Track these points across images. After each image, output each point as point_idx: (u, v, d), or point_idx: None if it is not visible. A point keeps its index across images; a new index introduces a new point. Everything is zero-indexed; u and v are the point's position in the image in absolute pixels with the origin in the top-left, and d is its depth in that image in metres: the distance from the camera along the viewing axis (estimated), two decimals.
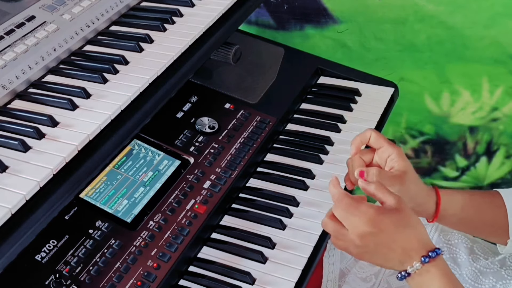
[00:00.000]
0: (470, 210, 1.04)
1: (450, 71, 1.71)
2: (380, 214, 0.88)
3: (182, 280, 1.07)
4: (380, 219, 0.87)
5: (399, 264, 0.89)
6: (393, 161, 1.00)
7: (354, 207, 0.88)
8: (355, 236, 0.88)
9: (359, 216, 0.88)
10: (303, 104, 1.45)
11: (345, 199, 0.89)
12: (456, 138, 1.79)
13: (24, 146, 0.89)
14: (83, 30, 1.13)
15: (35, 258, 0.98)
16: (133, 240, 1.05)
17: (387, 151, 1.01)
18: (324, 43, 1.79)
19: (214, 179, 1.18)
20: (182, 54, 1.11)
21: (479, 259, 1.20)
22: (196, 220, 1.11)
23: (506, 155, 1.78)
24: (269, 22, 1.83)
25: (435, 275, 0.88)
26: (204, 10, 1.22)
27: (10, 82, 0.99)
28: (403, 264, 0.89)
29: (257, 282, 1.05)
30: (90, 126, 0.94)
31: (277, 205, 1.18)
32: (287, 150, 1.32)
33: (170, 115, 1.28)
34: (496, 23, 1.60)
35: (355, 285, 1.26)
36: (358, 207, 0.88)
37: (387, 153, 1.01)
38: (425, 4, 1.63)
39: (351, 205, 0.89)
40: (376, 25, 1.71)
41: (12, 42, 1.04)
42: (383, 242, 0.88)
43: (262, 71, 1.46)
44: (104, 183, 1.11)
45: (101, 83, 1.03)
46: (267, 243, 1.11)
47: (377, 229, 0.87)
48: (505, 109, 1.71)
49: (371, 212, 0.88)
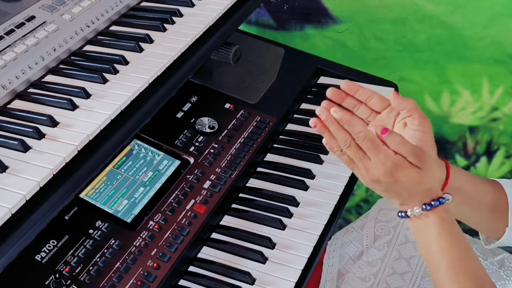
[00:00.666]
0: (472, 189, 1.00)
1: (450, 71, 1.70)
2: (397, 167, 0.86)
3: (182, 280, 1.07)
4: (397, 172, 0.86)
5: (399, 204, 0.90)
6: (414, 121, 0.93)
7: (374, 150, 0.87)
8: (367, 177, 0.88)
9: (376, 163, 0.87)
10: (303, 104, 1.45)
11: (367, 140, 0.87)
12: (456, 138, 1.79)
13: (24, 146, 0.89)
14: (83, 30, 1.13)
15: (35, 258, 0.99)
16: (133, 240, 1.05)
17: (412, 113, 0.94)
18: (324, 43, 1.79)
19: (214, 179, 1.18)
20: (182, 54, 1.11)
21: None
22: (196, 220, 1.11)
23: (506, 155, 1.78)
24: (269, 22, 1.83)
25: (434, 221, 0.88)
26: (204, 10, 1.22)
27: (10, 82, 0.99)
28: (403, 205, 0.90)
29: (257, 282, 1.06)
30: (90, 126, 0.94)
31: (277, 205, 1.18)
32: (287, 150, 1.32)
33: (170, 115, 1.28)
34: (496, 23, 1.60)
35: (355, 285, 1.26)
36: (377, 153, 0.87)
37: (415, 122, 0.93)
38: (425, 4, 1.63)
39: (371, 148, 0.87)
40: (376, 25, 1.70)
41: (12, 42, 1.04)
42: (394, 189, 0.88)
43: (262, 71, 1.46)
44: (104, 183, 1.11)
45: (101, 83, 1.03)
46: (267, 243, 1.11)
47: (392, 179, 0.87)
48: (505, 109, 1.71)
49: (388, 164, 0.86)
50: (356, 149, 0.88)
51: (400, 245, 1.26)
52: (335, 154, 0.91)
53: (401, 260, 1.24)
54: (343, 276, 1.29)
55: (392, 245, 1.26)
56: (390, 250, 1.26)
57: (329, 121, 0.90)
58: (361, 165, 0.88)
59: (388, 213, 1.32)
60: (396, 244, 1.26)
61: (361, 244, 1.30)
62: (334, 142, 0.90)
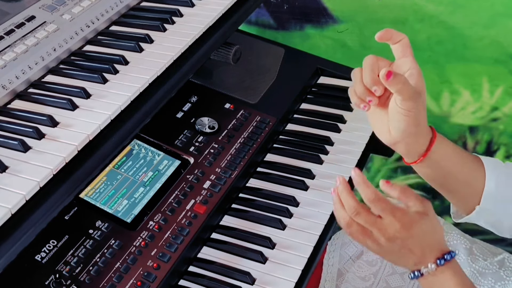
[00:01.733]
0: (454, 161, 0.99)
1: (450, 71, 1.70)
2: (413, 222, 0.87)
3: (182, 280, 1.07)
4: (412, 226, 0.87)
5: (413, 264, 0.89)
6: (412, 77, 0.90)
7: (389, 210, 0.87)
8: (383, 238, 0.87)
9: (391, 221, 0.87)
10: (303, 104, 1.45)
11: (381, 202, 0.88)
12: (456, 138, 1.79)
13: (24, 146, 0.89)
14: (83, 30, 1.12)
15: (35, 258, 0.99)
16: (133, 240, 1.05)
17: (410, 63, 0.91)
18: (324, 43, 1.79)
19: (214, 179, 1.18)
20: (182, 54, 1.11)
21: (478, 260, 1.20)
22: (196, 220, 1.11)
23: (506, 155, 1.78)
24: (269, 22, 1.83)
25: (449, 276, 0.88)
26: (204, 10, 1.22)
27: (10, 82, 0.99)
28: (417, 265, 0.89)
29: (257, 282, 1.06)
30: (90, 126, 0.94)
31: (277, 205, 1.18)
32: (287, 150, 1.32)
33: (170, 115, 1.28)
34: (496, 23, 1.60)
35: (355, 284, 1.26)
36: (393, 211, 0.87)
37: (408, 65, 0.91)
38: (425, 4, 1.63)
39: (386, 209, 0.87)
40: (376, 25, 1.70)
41: (12, 42, 1.04)
42: (409, 245, 0.88)
43: (262, 71, 1.46)
44: (104, 183, 1.11)
45: (101, 83, 1.03)
46: (267, 243, 1.11)
47: (409, 235, 0.87)
48: (505, 109, 1.71)
49: (406, 219, 0.87)
50: (366, 214, 0.88)
51: None
52: (343, 228, 0.91)
53: None
54: (343, 275, 1.29)
55: None
56: None
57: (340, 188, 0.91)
58: (375, 228, 0.88)
59: None
60: None
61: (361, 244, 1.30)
62: (343, 212, 0.90)
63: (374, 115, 0.96)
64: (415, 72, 0.91)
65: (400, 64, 0.92)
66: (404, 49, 0.91)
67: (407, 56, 0.91)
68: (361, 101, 0.92)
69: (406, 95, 0.88)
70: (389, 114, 0.93)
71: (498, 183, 0.98)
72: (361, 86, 0.91)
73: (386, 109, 0.93)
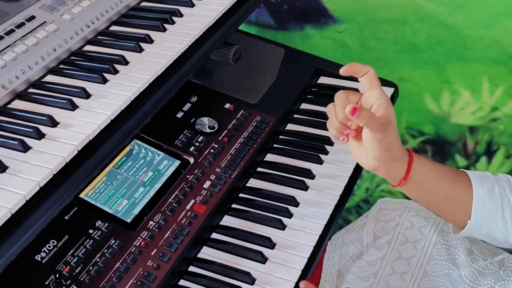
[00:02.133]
0: (436, 180, 1.02)
1: (450, 71, 1.70)
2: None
3: (182, 280, 1.07)
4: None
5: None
6: (381, 107, 0.94)
7: None
8: None
9: None
10: (303, 104, 1.45)
11: None
12: (456, 138, 1.79)
13: (24, 146, 0.89)
14: (83, 30, 1.13)
15: (35, 258, 0.99)
16: (133, 240, 1.05)
17: (377, 94, 0.95)
18: (324, 43, 1.79)
19: (214, 179, 1.18)
20: (182, 54, 1.11)
21: (478, 260, 1.20)
22: (196, 220, 1.11)
23: (506, 155, 1.78)
24: (269, 22, 1.83)
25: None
26: (204, 10, 1.22)
27: (10, 82, 0.99)
28: None
29: (257, 282, 1.06)
30: (90, 126, 0.94)
31: (277, 205, 1.18)
32: (287, 150, 1.32)
33: (170, 115, 1.28)
34: (496, 23, 1.60)
35: (355, 284, 1.26)
36: None
37: (376, 96, 0.95)
38: (425, 4, 1.63)
39: None
40: (376, 25, 1.71)
41: (12, 42, 1.04)
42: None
43: (262, 71, 1.46)
44: (104, 183, 1.11)
45: (101, 83, 1.03)
46: (267, 243, 1.11)
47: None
48: (505, 109, 1.71)
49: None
50: None
51: (400, 245, 1.26)
52: None
53: (401, 260, 1.24)
54: (343, 275, 1.29)
55: (392, 245, 1.26)
56: (390, 250, 1.26)
57: None
58: None
59: (388, 213, 1.32)
60: (396, 244, 1.26)
61: (361, 244, 1.30)
62: None
63: (353, 145, 1.00)
64: (383, 102, 0.94)
65: (368, 95, 0.96)
66: (371, 81, 0.96)
67: (374, 88, 0.95)
68: (340, 134, 0.97)
69: (374, 127, 0.93)
70: (363, 144, 0.97)
71: (485, 197, 1.01)
72: (336, 122, 0.96)
73: None
